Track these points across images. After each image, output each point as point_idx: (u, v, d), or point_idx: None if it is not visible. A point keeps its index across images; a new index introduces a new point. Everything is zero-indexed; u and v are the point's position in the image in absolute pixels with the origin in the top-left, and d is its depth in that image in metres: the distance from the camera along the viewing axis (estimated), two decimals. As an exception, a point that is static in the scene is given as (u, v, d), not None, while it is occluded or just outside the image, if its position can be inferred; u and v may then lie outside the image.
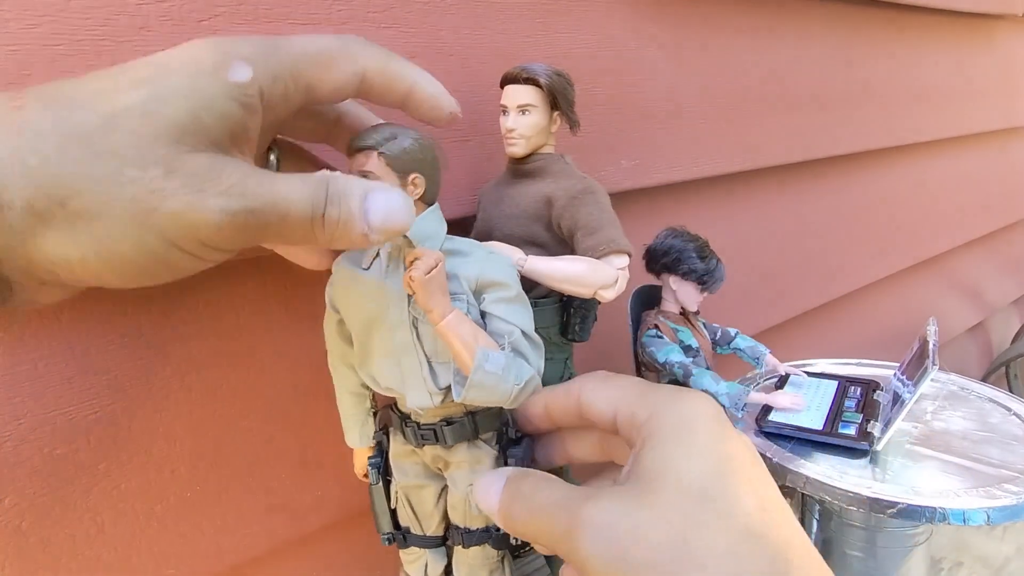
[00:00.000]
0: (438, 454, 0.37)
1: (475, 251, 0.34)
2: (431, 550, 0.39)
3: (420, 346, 0.32)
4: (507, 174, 0.45)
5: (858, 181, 1.07)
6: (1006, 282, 1.68)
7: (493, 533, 0.37)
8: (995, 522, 0.42)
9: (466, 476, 0.36)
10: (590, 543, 0.18)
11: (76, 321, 0.36)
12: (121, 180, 0.19)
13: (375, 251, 0.33)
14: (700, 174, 0.74)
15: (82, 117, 0.20)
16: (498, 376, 0.30)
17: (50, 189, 0.19)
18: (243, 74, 0.22)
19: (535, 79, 0.40)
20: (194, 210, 0.20)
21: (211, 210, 0.20)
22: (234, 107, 0.22)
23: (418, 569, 0.39)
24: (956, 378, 0.63)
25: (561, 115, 0.42)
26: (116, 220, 0.20)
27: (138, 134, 0.20)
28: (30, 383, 0.35)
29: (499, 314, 0.32)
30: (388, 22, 0.46)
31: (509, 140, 0.41)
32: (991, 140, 1.39)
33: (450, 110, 0.33)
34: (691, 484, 0.17)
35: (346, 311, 0.34)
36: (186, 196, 0.20)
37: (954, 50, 1.19)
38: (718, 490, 0.17)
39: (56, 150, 0.19)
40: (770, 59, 0.82)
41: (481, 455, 0.36)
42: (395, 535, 0.39)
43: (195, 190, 0.20)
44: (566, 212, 0.40)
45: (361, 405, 0.39)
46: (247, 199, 0.21)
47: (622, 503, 0.18)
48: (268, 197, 0.21)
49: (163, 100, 0.20)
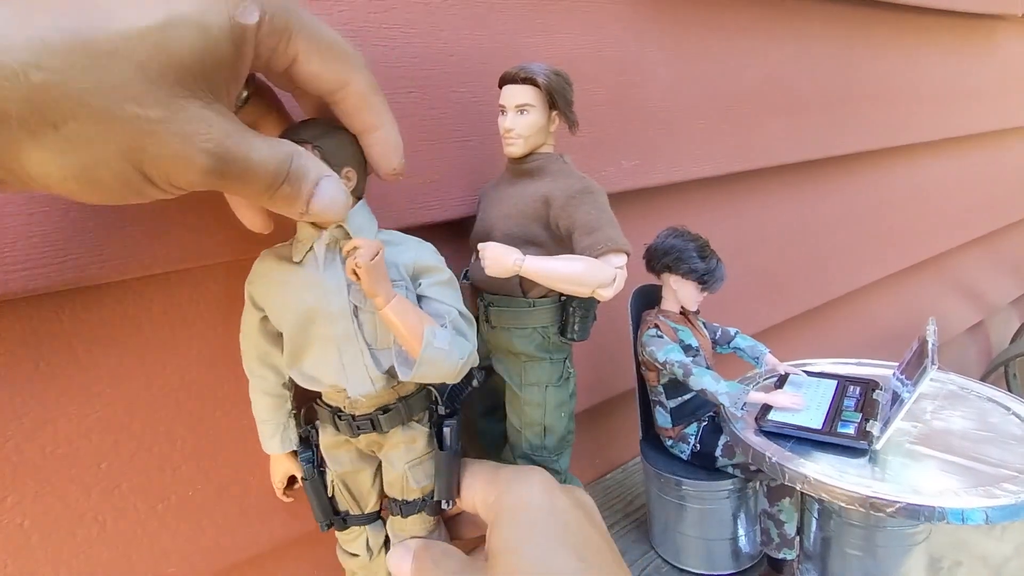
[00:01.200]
0: (373, 439, 0.39)
1: (407, 240, 0.36)
2: (370, 525, 0.42)
3: (361, 334, 0.33)
4: (506, 174, 0.45)
5: (858, 181, 1.07)
6: (1005, 282, 1.68)
7: (428, 501, 0.40)
8: (994, 521, 0.42)
9: (402, 455, 0.39)
10: None
11: (78, 322, 0.37)
12: (119, 115, 0.19)
13: (308, 245, 0.34)
14: (701, 174, 0.74)
15: (92, 34, 0.19)
16: (445, 352, 0.33)
17: (47, 111, 0.19)
18: (252, 16, 0.22)
19: (533, 79, 0.40)
20: (179, 156, 0.21)
21: (193, 159, 0.21)
22: (232, 51, 0.22)
23: (360, 545, 0.41)
24: (955, 377, 0.64)
25: (559, 115, 0.42)
26: (103, 149, 0.20)
27: (144, 68, 0.20)
28: (30, 383, 0.35)
29: (436, 296, 0.35)
30: (389, 22, 0.46)
31: (507, 140, 0.42)
32: (990, 140, 1.39)
33: (395, 167, 0.35)
34: (520, 559, 0.24)
35: (274, 307, 0.34)
36: (176, 143, 0.21)
37: (954, 50, 1.19)
38: (542, 560, 0.24)
39: (60, 70, 0.18)
40: (770, 60, 0.83)
41: (415, 434, 0.39)
42: (334, 520, 0.42)
43: (184, 138, 0.21)
44: (564, 212, 0.40)
45: (281, 408, 0.39)
46: (225, 155, 0.22)
47: None
48: (242, 157, 0.22)
49: (173, 32, 0.20)
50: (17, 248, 0.34)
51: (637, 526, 0.74)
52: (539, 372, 0.44)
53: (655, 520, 0.64)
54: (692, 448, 0.59)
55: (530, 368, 0.44)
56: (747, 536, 0.59)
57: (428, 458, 0.39)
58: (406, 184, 0.48)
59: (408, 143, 0.50)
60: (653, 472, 0.61)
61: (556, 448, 0.48)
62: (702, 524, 0.59)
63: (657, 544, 0.64)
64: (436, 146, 0.49)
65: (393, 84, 0.46)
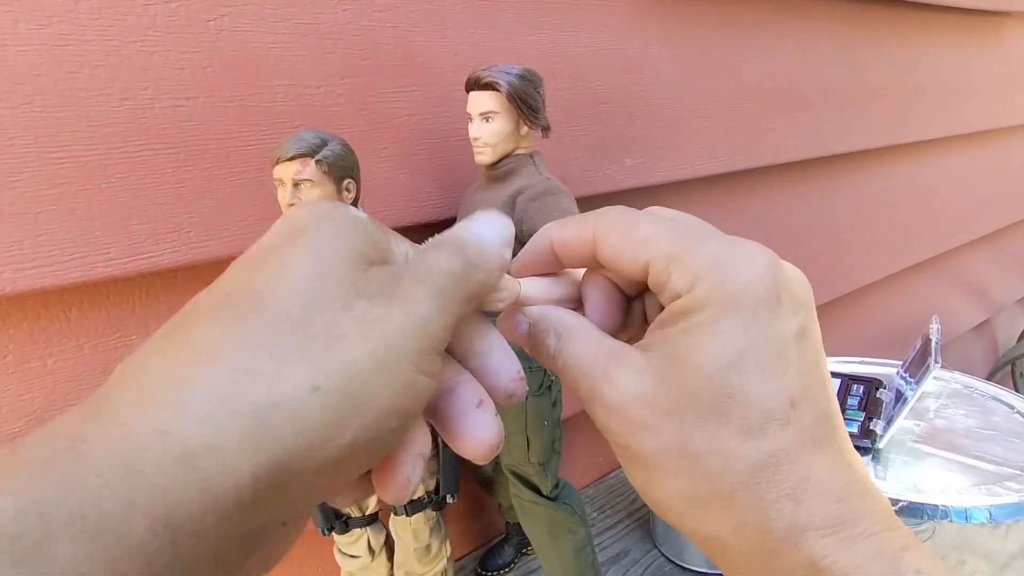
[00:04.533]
0: None
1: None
2: (371, 526, 0.43)
3: None
4: (482, 179, 0.45)
5: (863, 179, 1.06)
6: (1012, 280, 1.67)
7: (432, 498, 0.41)
8: (997, 520, 0.42)
9: None
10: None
11: (84, 319, 0.37)
12: None
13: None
14: (703, 172, 0.74)
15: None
16: None
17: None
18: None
19: (494, 85, 0.39)
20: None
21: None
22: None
23: (361, 547, 0.42)
24: (959, 376, 0.63)
25: (524, 120, 0.41)
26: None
27: None
28: (40, 380, 0.36)
29: None
30: (393, 21, 0.46)
31: (475, 148, 0.41)
32: (997, 137, 1.38)
33: (515, 375, 0.18)
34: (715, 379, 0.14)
35: None
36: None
37: (960, 47, 1.18)
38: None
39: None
40: (774, 57, 0.82)
41: None
42: (335, 524, 0.42)
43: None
44: (526, 215, 0.40)
45: None
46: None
47: (646, 376, 0.14)
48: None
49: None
50: (25, 247, 0.34)
51: (640, 525, 0.74)
52: None
53: (658, 519, 0.64)
54: (695, 446, 0.59)
55: None
56: (750, 534, 0.59)
57: (431, 456, 0.40)
58: (407, 183, 0.49)
59: (410, 142, 0.50)
60: (656, 470, 0.61)
61: (541, 458, 0.48)
62: (705, 522, 0.59)
63: (661, 543, 0.64)
64: (439, 144, 0.50)
65: (397, 83, 0.46)
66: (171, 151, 0.41)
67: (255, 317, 0.11)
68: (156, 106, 0.40)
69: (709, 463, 0.13)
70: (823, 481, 0.13)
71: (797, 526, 0.12)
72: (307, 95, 0.45)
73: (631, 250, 0.15)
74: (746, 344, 0.14)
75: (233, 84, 0.42)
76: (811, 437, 0.13)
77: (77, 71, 0.34)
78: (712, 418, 0.13)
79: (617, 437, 0.14)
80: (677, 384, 0.14)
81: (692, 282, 0.14)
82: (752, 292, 0.14)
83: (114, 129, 0.39)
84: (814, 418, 0.14)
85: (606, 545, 0.70)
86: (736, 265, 0.14)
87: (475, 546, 0.68)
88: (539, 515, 0.52)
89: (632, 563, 0.68)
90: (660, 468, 0.14)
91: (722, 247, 0.14)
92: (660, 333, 0.15)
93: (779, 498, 0.13)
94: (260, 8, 0.40)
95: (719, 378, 0.13)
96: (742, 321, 0.14)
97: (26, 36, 0.33)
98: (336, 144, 0.31)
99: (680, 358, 0.14)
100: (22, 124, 0.36)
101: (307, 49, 0.45)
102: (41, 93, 0.36)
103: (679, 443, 0.14)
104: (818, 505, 0.13)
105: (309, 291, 0.12)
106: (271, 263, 0.12)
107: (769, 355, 0.14)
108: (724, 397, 0.13)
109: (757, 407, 0.13)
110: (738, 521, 0.13)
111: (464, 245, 0.15)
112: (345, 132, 0.44)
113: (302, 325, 0.11)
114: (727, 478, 0.13)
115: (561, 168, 0.56)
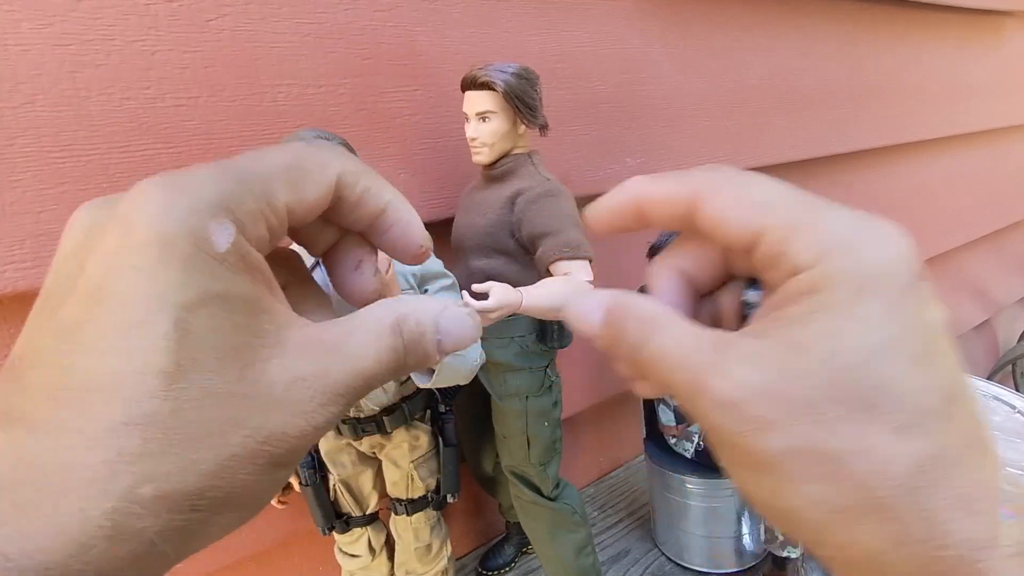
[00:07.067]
0: (376, 441, 0.40)
1: None
2: (371, 525, 0.43)
3: None
4: (479, 179, 0.45)
5: (863, 179, 1.06)
6: (1013, 280, 1.67)
7: (433, 497, 0.42)
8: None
9: (407, 454, 0.41)
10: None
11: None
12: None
13: (313, 261, 0.34)
14: (704, 172, 0.74)
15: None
16: (463, 356, 0.35)
17: None
18: (226, 237, 0.11)
19: (490, 84, 0.39)
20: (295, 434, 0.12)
21: (312, 427, 0.11)
22: (240, 279, 0.11)
23: (361, 546, 0.43)
24: (960, 376, 0.63)
25: (521, 119, 0.41)
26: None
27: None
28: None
29: None
30: (394, 20, 0.46)
31: (472, 148, 0.41)
32: (997, 137, 1.38)
33: (423, 243, 0.21)
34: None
35: None
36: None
37: (960, 46, 1.18)
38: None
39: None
40: (774, 57, 0.82)
41: (418, 432, 0.41)
42: (336, 524, 0.43)
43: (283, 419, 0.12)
44: (525, 216, 0.40)
45: None
46: (333, 396, 0.12)
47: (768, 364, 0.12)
48: (351, 372, 0.13)
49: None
50: (27, 246, 0.34)
51: (641, 524, 0.74)
52: (518, 382, 0.44)
53: (659, 518, 0.64)
54: (696, 446, 0.59)
55: (509, 378, 0.44)
56: (751, 534, 0.59)
57: (431, 455, 0.40)
58: (408, 183, 0.49)
59: (412, 142, 0.50)
60: (657, 470, 0.61)
61: (542, 458, 0.48)
62: (706, 522, 0.59)
63: (661, 542, 0.64)
64: (440, 144, 0.50)
65: (399, 83, 0.46)
66: (172, 151, 0.41)
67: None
68: (158, 106, 0.40)
69: (856, 465, 0.11)
70: (993, 491, 0.11)
71: (977, 542, 0.11)
72: (308, 94, 0.45)
73: (743, 214, 0.13)
74: (894, 331, 0.12)
75: (234, 84, 0.42)
76: (974, 438, 0.11)
77: (79, 71, 0.34)
78: (856, 413, 0.11)
79: (734, 438, 0.12)
80: (809, 375, 0.12)
81: (818, 256, 0.12)
82: (895, 274, 0.12)
83: (116, 128, 0.39)
84: (972, 418, 0.12)
85: (606, 545, 0.70)
86: (873, 242, 0.12)
87: (476, 545, 0.68)
88: (539, 515, 0.52)
89: (632, 563, 0.68)
90: (793, 473, 0.12)
91: (855, 220, 0.12)
92: (777, 316, 0.12)
93: (949, 507, 0.11)
94: (261, 8, 0.40)
95: (863, 367, 0.11)
96: (885, 305, 0.12)
97: (28, 35, 0.33)
98: (337, 144, 0.32)
99: (810, 345, 0.12)
100: (24, 123, 0.36)
101: (308, 49, 0.45)
102: (43, 92, 0.36)
103: (816, 442, 0.12)
104: (996, 518, 0.11)
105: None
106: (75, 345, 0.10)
107: (920, 345, 0.12)
108: (870, 388, 0.11)
109: (911, 402, 0.11)
110: (900, 535, 0.11)
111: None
112: (346, 132, 0.44)
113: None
114: (881, 482, 0.11)
115: (561, 168, 0.56)
